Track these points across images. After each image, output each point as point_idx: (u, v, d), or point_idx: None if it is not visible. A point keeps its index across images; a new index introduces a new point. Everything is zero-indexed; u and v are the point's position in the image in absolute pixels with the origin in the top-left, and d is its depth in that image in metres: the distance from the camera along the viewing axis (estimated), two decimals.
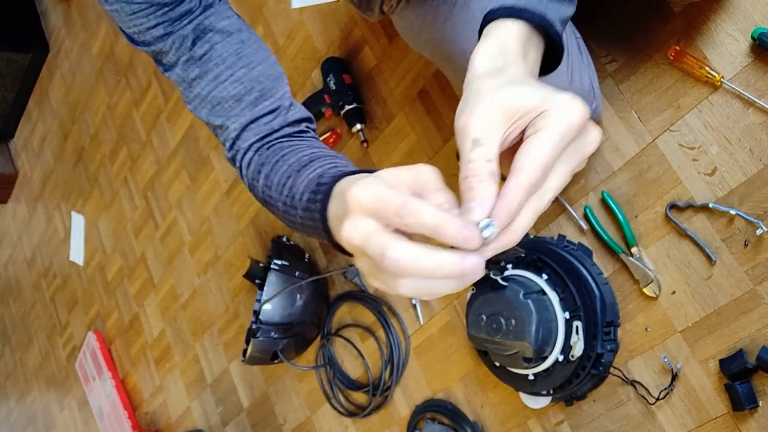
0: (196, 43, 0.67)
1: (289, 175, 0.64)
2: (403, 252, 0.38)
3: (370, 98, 1.46)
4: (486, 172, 0.41)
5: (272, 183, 0.66)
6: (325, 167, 0.61)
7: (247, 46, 0.71)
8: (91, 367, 2.46)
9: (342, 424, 1.56)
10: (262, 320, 1.41)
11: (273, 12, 1.69)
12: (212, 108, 0.71)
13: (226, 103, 0.70)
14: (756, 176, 0.95)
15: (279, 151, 0.69)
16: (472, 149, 0.42)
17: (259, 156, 0.70)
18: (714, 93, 0.99)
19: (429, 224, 0.38)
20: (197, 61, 0.69)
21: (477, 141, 0.42)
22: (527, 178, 0.41)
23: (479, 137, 0.43)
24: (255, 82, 0.71)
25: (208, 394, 1.97)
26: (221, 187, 1.89)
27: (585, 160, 0.45)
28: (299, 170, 0.63)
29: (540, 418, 1.19)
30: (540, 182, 0.42)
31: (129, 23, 0.66)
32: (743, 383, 0.94)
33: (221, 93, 0.70)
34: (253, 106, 0.71)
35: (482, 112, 0.43)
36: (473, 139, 0.43)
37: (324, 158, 0.64)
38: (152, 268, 2.20)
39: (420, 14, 0.89)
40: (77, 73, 2.55)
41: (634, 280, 1.06)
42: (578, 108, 0.42)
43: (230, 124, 0.71)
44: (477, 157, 0.42)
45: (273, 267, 1.44)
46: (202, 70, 0.69)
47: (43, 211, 2.82)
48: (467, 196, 0.41)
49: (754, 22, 0.95)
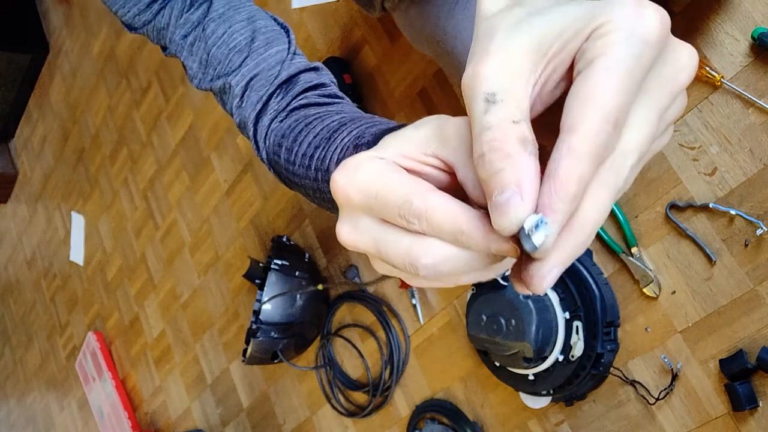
0: (192, 7, 0.65)
1: (317, 146, 0.50)
2: (437, 257, 0.29)
3: (370, 98, 1.46)
4: (514, 140, 0.27)
5: (296, 158, 0.53)
6: (363, 127, 0.48)
7: (246, 3, 0.66)
8: (91, 367, 2.46)
9: (342, 424, 1.56)
10: (262, 320, 1.41)
11: (273, 12, 1.69)
12: (213, 70, 0.62)
13: (227, 59, 0.62)
14: (756, 176, 0.95)
15: (303, 119, 0.55)
16: (486, 110, 0.27)
17: (280, 124, 0.58)
18: (714, 93, 0.99)
19: (447, 231, 0.28)
20: (195, 25, 0.63)
21: (493, 96, 0.28)
22: (589, 138, 0.26)
23: (496, 90, 0.27)
24: (258, 32, 0.62)
25: (208, 394, 1.97)
26: (221, 187, 1.89)
27: (681, 99, 0.29)
28: (329, 137, 0.50)
29: (540, 419, 1.19)
30: (611, 142, 0.26)
31: (129, 6, 0.65)
32: (743, 383, 0.94)
33: (221, 49, 0.62)
34: (257, 55, 0.61)
35: (499, 53, 0.28)
36: (487, 94, 0.28)
37: (358, 120, 0.51)
38: (152, 269, 2.20)
39: (421, 11, 0.89)
40: (78, 74, 2.55)
41: (634, 280, 1.06)
42: (651, 14, 0.26)
43: (232, 81, 0.61)
44: (496, 120, 0.27)
45: (273, 267, 1.44)
46: (199, 32, 0.63)
47: (43, 211, 2.83)
48: (491, 183, 0.27)
49: (754, 22, 0.95)
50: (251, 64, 0.61)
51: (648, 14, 0.26)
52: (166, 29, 0.64)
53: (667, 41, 0.28)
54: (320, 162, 0.49)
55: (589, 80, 0.26)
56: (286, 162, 0.55)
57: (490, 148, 0.27)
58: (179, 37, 0.63)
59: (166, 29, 0.64)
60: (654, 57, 0.27)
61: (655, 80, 0.28)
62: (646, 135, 0.27)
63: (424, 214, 0.28)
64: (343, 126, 0.50)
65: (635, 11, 0.26)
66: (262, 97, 0.60)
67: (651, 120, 0.28)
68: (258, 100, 0.60)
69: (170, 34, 0.64)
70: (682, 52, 0.28)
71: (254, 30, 0.62)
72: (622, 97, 0.26)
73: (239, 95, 0.61)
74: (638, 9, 0.26)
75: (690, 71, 0.28)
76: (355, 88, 1.46)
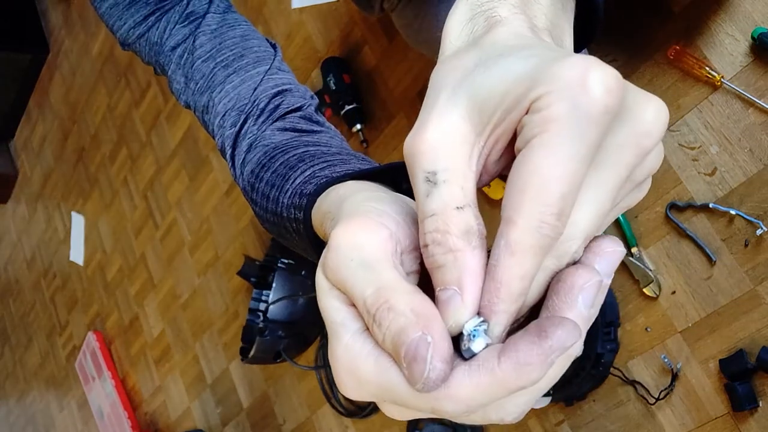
0: (186, 20, 0.64)
1: (273, 184, 0.47)
2: (461, 400, 0.24)
3: (370, 98, 1.46)
4: (456, 233, 0.24)
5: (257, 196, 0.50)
6: (317, 167, 0.45)
7: (239, 20, 0.64)
8: (90, 367, 2.46)
9: (342, 424, 1.56)
10: (269, 318, 1.40)
11: (273, 12, 1.69)
12: (195, 84, 0.59)
13: (212, 73, 0.58)
14: (756, 176, 0.95)
15: (271, 151, 0.52)
16: (428, 193, 0.25)
17: (254, 153, 0.54)
18: (714, 93, 0.99)
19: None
20: (185, 37, 0.61)
21: (434, 176, 0.25)
22: (528, 233, 0.23)
23: (437, 168, 0.25)
24: (248, 51, 0.60)
25: (207, 394, 1.97)
26: (221, 187, 1.89)
27: (654, 155, 0.26)
28: (285, 175, 0.46)
29: (540, 418, 1.19)
30: (555, 233, 0.23)
31: (126, 18, 0.65)
32: (743, 383, 0.94)
33: (206, 63, 0.58)
34: (243, 72, 0.58)
35: (439, 123, 0.25)
36: (427, 173, 0.25)
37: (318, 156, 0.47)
38: (152, 268, 2.20)
39: (420, 12, 0.89)
40: (77, 74, 2.55)
41: (634, 280, 1.06)
42: (597, 80, 0.22)
43: (216, 97, 0.57)
44: (438, 207, 0.25)
45: (279, 266, 1.44)
46: (188, 44, 0.60)
47: (43, 211, 2.83)
48: (435, 277, 0.25)
49: (754, 22, 0.95)
50: (237, 80, 0.58)
51: (593, 80, 0.22)
52: (159, 43, 0.62)
53: (624, 104, 0.24)
54: (274, 205, 0.46)
55: (527, 165, 0.23)
56: (251, 201, 0.52)
57: (432, 240, 0.25)
58: (168, 49, 0.61)
59: (158, 43, 0.62)
60: (603, 130, 0.23)
61: (612, 150, 0.24)
62: (596, 215, 0.24)
63: (463, 411, 0.24)
64: (301, 163, 0.47)
65: (578, 78, 0.22)
66: (240, 118, 0.57)
67: (602, 200, 0.24)
68: (237, 121, 0.57)
69: (161, 47, 0.62)
70: (645, 113, 0.24)
71: (245, 48, 0.60)
72: (565, 184, 0.22)
73: (221, 113, 0.58)
74: (582, 74, 0.22)
75: (655, 134, 0.24)
76: (354, 88, 1.47)
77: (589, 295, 0.25)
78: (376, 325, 0.24)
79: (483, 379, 0.23)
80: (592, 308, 0.25)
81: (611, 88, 0.22)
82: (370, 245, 0.26)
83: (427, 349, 0.23)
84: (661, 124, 0.24)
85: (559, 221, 0.23)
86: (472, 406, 0.24)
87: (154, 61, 0.64)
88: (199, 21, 0.61)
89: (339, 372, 0.26)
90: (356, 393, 0.26)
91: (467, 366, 0.24)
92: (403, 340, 0.23)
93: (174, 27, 0.61)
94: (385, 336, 0.24)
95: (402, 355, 0.23)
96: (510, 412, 0.26)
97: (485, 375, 0.23)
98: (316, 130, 0.58)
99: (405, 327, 0.23)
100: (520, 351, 0.23)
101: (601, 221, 0.25)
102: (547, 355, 0.22)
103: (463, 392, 0.23)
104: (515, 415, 0.26)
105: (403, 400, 0.25)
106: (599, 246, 0.26)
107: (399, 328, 0.23)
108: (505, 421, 0.26)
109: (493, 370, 0.23)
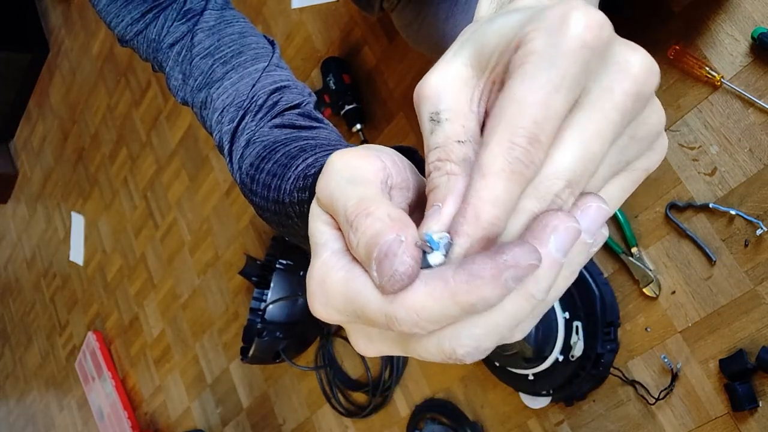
0: (184, 17, 0.64)
1: (275, 174, 0.48)
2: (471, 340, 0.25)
3: (370, 98, 1.46)
4: (456, 160, 0.26)
5: (257, 187, 0.51)
6: (319, 154, 0.46)
7: (237, 16, 0.64)
8: (90, 367, 2.46)
9: (342, 424, 1.56)
10: (267, 319, 1.41)
11: (273, 12, 1.69)
12: (194, 81, 0.60)
13: (210, 69, 0.59)
14: (756, 176, 0.95)
15: (271, 144, 0.53)
16: (431, 130, 0.27)
17: (253, 147, 0.55)
18: (714, 93, 0.99)
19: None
20: (183, 34, 0.61)
21: (438, 115, 0.27)
22: (500, 155, 0.23)
23: (440, 109, 0.27)
24: (246, 47, 0.60)
25: (207, 394, 1.97)
26: (221, 187, 1.89)
27: (656, 112, 0.26)
28: (287, 164, 0.47)
29: (540, 418, 1.19)
30: (530, 159, 0.23)
31: (123, 15, 0.64)
32: (743, 383, 0.94)
33: (205, 59, 0.59)
34: (242, 69, 0.58)
35: (444, 69, 0.27)
36: (431, 113, 0.27)
37: (320, 147, 0.48)
38: (152, 268, 2.20)
39: (420, 12, 0.89)
40: (77, 74, 2.55)
41: (634, 280, 1.06)
42: (579, 17, 0.23)
43: (214, 93, 0.58)
44: (441, 141, 0.26)
45: (278, 267, 1.44)
46: (186, 41, 0.60)
47: (43, 211, 2.83)
48: (428, 202, 0.26)
49: (754, 22, 0.95)
50: (235, 77, 0.58)
51: (574, 18, 0.23)
52: (157, 41, 0.62)
53: (609, 53, 0.24)
54: (276, 193, 0.47)
55: (504, 94, 0.24)
56: (251, 193, 0.52)
57: (434, 168, 0.26)
58: (166, 46, 0.61)
59: (156, 41, 0.62)
60: (582, 65, 0.23)
61: (597, 94, 0.24)
62: (582, 158, 0.24)
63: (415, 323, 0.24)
64: (303, 152, 0.48)
65: (560, 15, 0.23)
66: (238, 114, 0.57)
67: (588, 142, 0.24)
68: (235, 117, 0.57)
69: (159, 44, 0.62)
70: (631, 58, 0.24)
71: (243, 45, 0.60)
72: (538, 110, 0.23)
73: (219, 109, 0.58)
74: (565, 12, 0.23)
75: (642, 78, 0.24)
76: (354, 87, 1.46)
77: (562, 238, 0.24)
78: (352, 231, 0.25)
79: (436, 286, 0.23)
80: (566, 257, 0.24)
81: (591, 26, 0.23)
82: (362, 168, 0.28)
83: (399, 247, 0.24)
84: (647, 69, 0.24)
85: (532, 147, 0.23)
86: (424, 316, 0.24)
87: (152, 58, 0.64)
88: (197, 18, 0.61)
89: (310, 286, 0.27)
90: (324, 309, 0.27)
91: (424, 274, 0.24)
92: (377, 241, 0.24)
93: (172, 24, 0.61)
94: (359, 240, 0.25)
95: (374, 255, 0.24)
96: (463, 344, 0.25)
97: (439, 283, 0.23)
98: (315, 126, 0.58)
99: (381, 230, 0.24)
100: (476, 263, 0.23)
101: (587, 167, 0.24)
102: (500, 270, 0.22)
103: (416, 299, 0.24)
104: (468, 349, 0.25)
105: (363, 309, 0.25)
106: (582, 200, 0.25)
107: (375, 231, 0.24)
108: (458, 355, 0.25)
109: (447, 279, 0.23)
